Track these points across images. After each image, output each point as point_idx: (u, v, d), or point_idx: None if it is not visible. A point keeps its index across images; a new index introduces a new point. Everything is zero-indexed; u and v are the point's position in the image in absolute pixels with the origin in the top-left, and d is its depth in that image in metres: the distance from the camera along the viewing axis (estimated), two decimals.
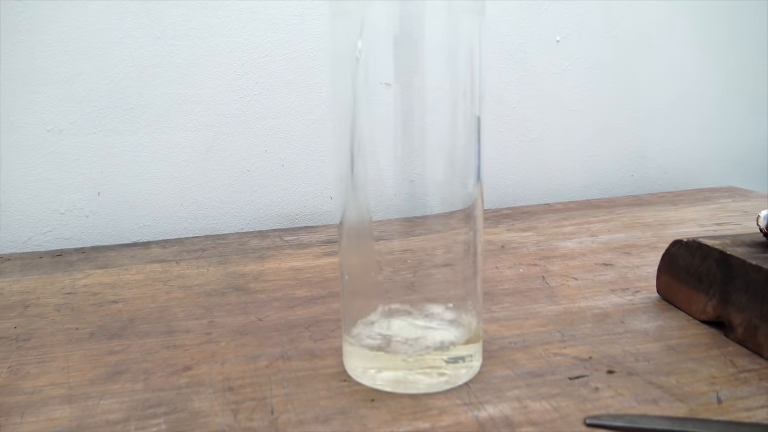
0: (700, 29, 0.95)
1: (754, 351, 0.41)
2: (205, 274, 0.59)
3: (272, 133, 0.77)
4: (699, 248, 0.46)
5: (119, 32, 0.70)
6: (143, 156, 0.73)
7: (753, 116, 1.01)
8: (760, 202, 0.83)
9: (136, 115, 0.72)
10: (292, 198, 0.80)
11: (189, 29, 0.72)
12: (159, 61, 0.72)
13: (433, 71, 0.35)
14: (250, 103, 0.76)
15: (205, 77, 0.74)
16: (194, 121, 0.74)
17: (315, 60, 0.77)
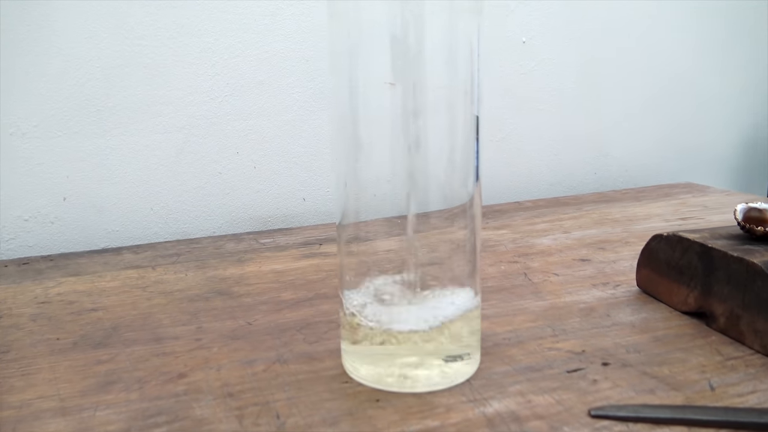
0: (657, 32, 0.98)
1: (737, 339, 0.43)
2: (184, 279, 0.58)
3: (244, 134, 0.76)
4: (679, 242, 0.48)
5: (84, 32, 0.68)
6: (111, 159, 0.71)
7: (705, 115, 1.05)
8: (718, 197, 0.87)
9: (102, 117, 0.70)
10: (265, 200, 0.79)
11: (157, 29, 0.70)
12: (126, 61, 0.70)
13: (434, 71, 0.35)
14: (220, 104, 0.74)
15: (174, 78, 0.72)
16: (164, 123, 0.72)
17: (287, 60, 0.76)
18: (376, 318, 0.37)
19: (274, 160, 0.78)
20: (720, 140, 1.08)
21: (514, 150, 0.92)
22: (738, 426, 0.33)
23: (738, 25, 1.05)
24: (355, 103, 0.37)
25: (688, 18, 1.00)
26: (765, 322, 0.40)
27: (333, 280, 0.57)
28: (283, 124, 0.78)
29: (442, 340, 0.37)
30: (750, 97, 1.09)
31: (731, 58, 1.06)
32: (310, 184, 0.81)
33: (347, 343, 0.39)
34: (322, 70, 0.78)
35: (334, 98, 0.38)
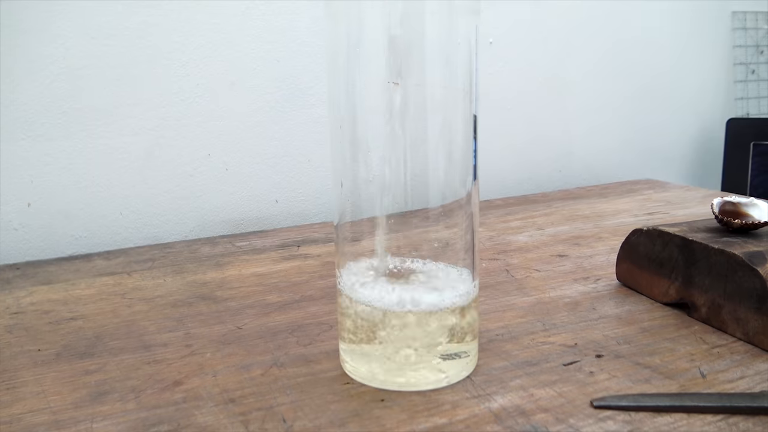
0: (620, 35, 1.01)
1: (719, 328, 0.44)
2: (163, 284, 0.57)
3: (215, 136, 0.75)
4: (660, 236, 0.49)
5: (49, 31, 0.65)
6: (78, 163, 0.69)
7: (664, 114, 1.09)
8: (679, 193, 0.90)
9: (69, 120, 0.68)
10: (238, 203, 0.78)
11: (125, 29, 0.68)
12: (92, 62, 0.68)
13: (434, 70, 0.35)
14: (191, 105, 0.73)
15: (143, 79, 0.70)
16: (132, 124, 0.71)
17: (258, 61, 0.75)
18: (375, 300, 0.36)
19: (246, 162, 0.77)
20: (677, 138, 1.12)
21: (483, 149, 0.93)
22: (733, 411, 0.34)
23: (694, 30, 1.09)
24: (354, 103, 0.36)
25: (648, 22, 1.04)
26: (747, 311, 0.42)
27: (317, 282, 0.56)
28: (255, 125, 0.77)
29: (440, 323, 0.37)
30: (705, 97, 1.13)
31: (688, 60, 1.10)
32: (282, 186, 0.80)
33: (346, 343, 0.39)
34: (294, 70, 0.77)
35: (332, 98, 0.37)
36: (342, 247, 0.39)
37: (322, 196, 0.82)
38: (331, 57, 0.37)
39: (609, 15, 1.00)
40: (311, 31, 0.77)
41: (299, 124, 0.79)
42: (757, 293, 0.41)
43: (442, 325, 0.37)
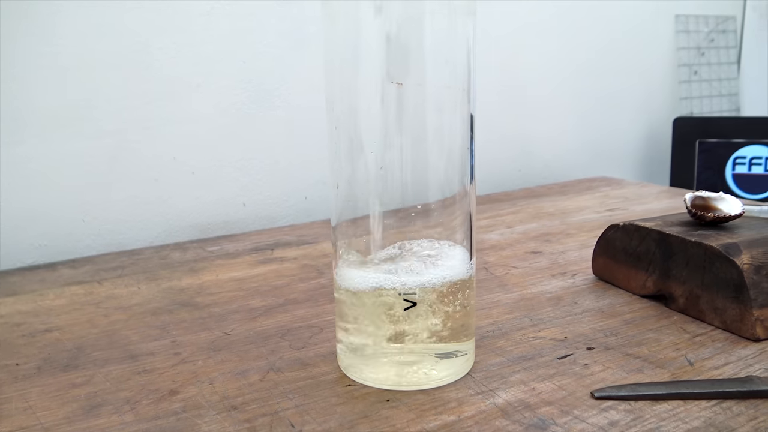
0: (573, 37, 1.04)
1: (697, 318, 0.46)
2: (138, 292, 0.55)
3: (181, 139, 0.73)
4: (637, 230, 0.51)
5: (5, 33, 0.62)
6: (36, 168, 0.66)
7: (615, 114, 1.13)
8: (634, 189, 0.93)
9: (26, 123, 0.65)
10: (205, 207, 0.76)
11: (82, 28, 0.66)
12: (47, 62, 0.65)
13: (435, 70, 0.35)
14: (155, 107, 0.71)
15: (105, 80, 0.68)
16: (94, 127, 0.68)
17: (223, 62, 0.74)
18: (373, 279, 0.36)
19: (213, 166, 0.76)
20: (628, 137, 1.16)
21: None
22: (725, 396, 0.36)
23: (642, 33, 1.14)
24: (351, 104, 0.36)
25: (599, 26, 1.07)
26: (724, 300, 0.44)
27: (298, 285, 0.56)
28: (221, 127, 0.75)
29: (437, 303, 0.37)
30: (652, 97, 1.18)
31: (636, 62, 1.14)
32: (250, 189, 0.79)
33: (343, 344, 0.39)
34: (260, 71, 0.76)
35: (329, 99, 0.37)
36: (340, 245, 0.39)
37: (289, 199, 0.82)
38: (329, 57, 0.37)
39: (562, 17, 1.03)
40: (277, 32, 0.77)
41: (266, 126, 0.78)
42: (735, 283, 0.43)
43: (443, 305, 0.37)
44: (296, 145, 0.81)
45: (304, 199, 0.83)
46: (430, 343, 0.37)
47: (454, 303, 0.37)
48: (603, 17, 1.07)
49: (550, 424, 0.33)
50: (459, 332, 0.38)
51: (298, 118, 0.80)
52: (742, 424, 0.33)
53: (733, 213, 0.48)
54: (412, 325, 0.36)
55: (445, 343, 0.37)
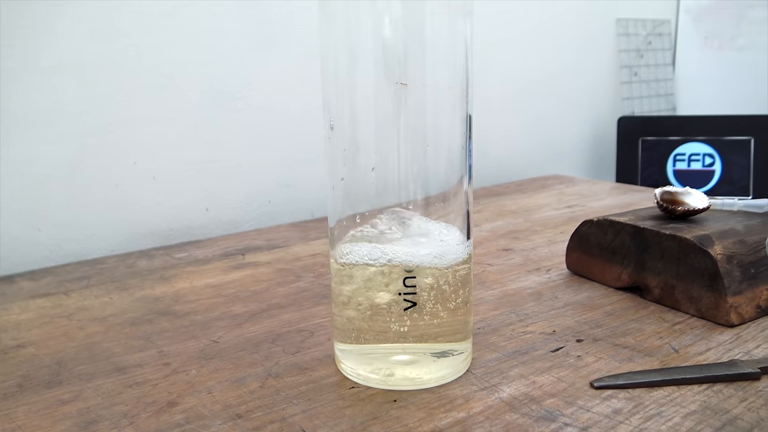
0: (521, 39, 1.07)
1: (672, 307, 0.48)
2: (110, 303, 0.53)
3: (142, 142, 0.71)
4: (611, 225, 0.53)
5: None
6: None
7: (563, 113, 1.16)
8: (587, 186, 0.96)
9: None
10: (166, 212, 0.74)
11: (40, 28, 0.63)
12: (6, 64, 0.61)
13: (435, 70, 0.36)
14: (115, 110, 0.68)
15: (62, 83, 0.65)
16: (51, 132, 0.65)
17: (185, 63, 0.72)
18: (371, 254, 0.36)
19: (175, 170, 0.74)
20: (576, 136, 1.20)
21: None
22: (715, 380, 0.37)
23: (586, 36, 1.18)
24: (349, 104, 0.36)
25: (547, 28, 1.10)
26: (699, 289, 0.46)
27: (278, 290, 0.55)
28: (182, 130, 0.73)
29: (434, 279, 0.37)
30: (597, 98, 1.22)
31: (581, 64, 1.18)
32: (212, 193, 0.77)
33: (341, 343, 0.39)
34: (222, 73, 0.75)
35: (326, 99, 0.37)
36: (337, 241, 0.38)
37: (253, 203, 0.80)
38: (325, 57, 0.37)
39: (515, 25, 1.05)
40: (238, 33, 0.75)
41: (228, 129, 0.77)
42: (709, 272, 0.45)
43: (444, 281, 0.37)
44: (259, 147, 0.79)
45: (268, 203, 0.82)
46: (431, 342, 0.37)
47: (455, 298, 0.37)
48: (551, 21, 1.11)
49: (557, 416, 0.34)
50: (460, 330, 0.38)
51: (260, 120, 0.79)
52: (735, 405, 0.35)
53: (700, 206, 0.51)
54: (414, 321, 0.36)
55: (445, 343, 0.38)
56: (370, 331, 0.37)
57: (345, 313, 0.38)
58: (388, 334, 0.37)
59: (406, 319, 0.36)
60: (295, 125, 0.82)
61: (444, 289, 0.37)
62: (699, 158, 1.17)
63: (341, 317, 0.38)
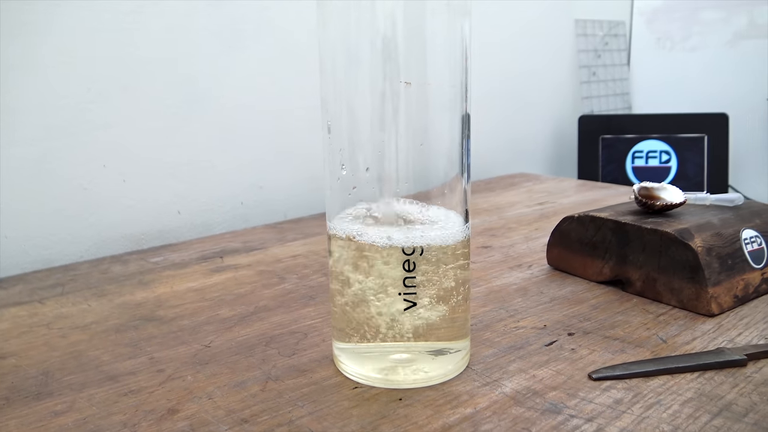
0: (485, 41, 1.08)
1: (654, 299, 0.50)
2: (90, 310, 0.51)
3: (110, 144, 0.69)
4: (592, 221, 0.54)
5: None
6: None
7: (527, 113, 1.19)
8: (554, 184, 0.98)
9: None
10: (137, 216, 0.72)
11: (2, 27, 0.60)
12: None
13: (436, 70, 0.36)
14: (82, 112, 0.66)
15: (26, 83, 0.62)
16: (15, 135, 0.62)
17: (153, 62, 0.70)
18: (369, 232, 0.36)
19: (145, 172, 0.72)
20: (539, 133, 1.22)
21: None
22: (705, 368, 0.39)
23: (546, 36, 1.20)
24: (347, 103, 0.36)
25: (510, 29, 1.12)
26: (680, 281, 0.48)
27: (263, 292, 0.54)
28: (153, 131, 0.72)
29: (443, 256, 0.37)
30: (558, 97, 1.25)
31: (543, 64, 1.20)
32: (184, 196, 0.75)
33: (340, 342, 0.38)
34: (193, 71, 0.73)
35: (324, 98, 0.37)
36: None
37: (225, 205, 0.79)
38: (323, 57, 0.36)
39: (480, 28, 1.07)
40: (210, 31, 0.74)
41: (199, 129, 0.75)
42: (690, 265, 0.47)
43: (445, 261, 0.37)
44: (231, 148, 0.78)
45: (240, 205, 0.81)
46: (433, 341, 0.37)
47: (456, 295, 0.38)
48: (513, 22, 1.13)
49: (562, 408, 0.35)
50: (460, 327, 0.39)
51: (232, 120, 0.78)
52: (728, 391, 0.36)
53: (676, 201, 0.53)
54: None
55: (447, 341, 0.38)
56: (370, 328, 0.37)
57: (345, 309, 0.38)
58: (388, 333, 0.37)
59: (407, 319, 0.36)
60: (268, 125, 0.81)
61: (444, 284, 0.37)
62: (656, 155, 1.21)
63: (341, 313, 0.38)
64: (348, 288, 0.37)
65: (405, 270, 0.36)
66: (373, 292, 0.36)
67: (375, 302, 0.37)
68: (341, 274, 0.38)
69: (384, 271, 0.36)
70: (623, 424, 0.33)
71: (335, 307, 0.39)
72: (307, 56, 0.83)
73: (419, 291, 0.36)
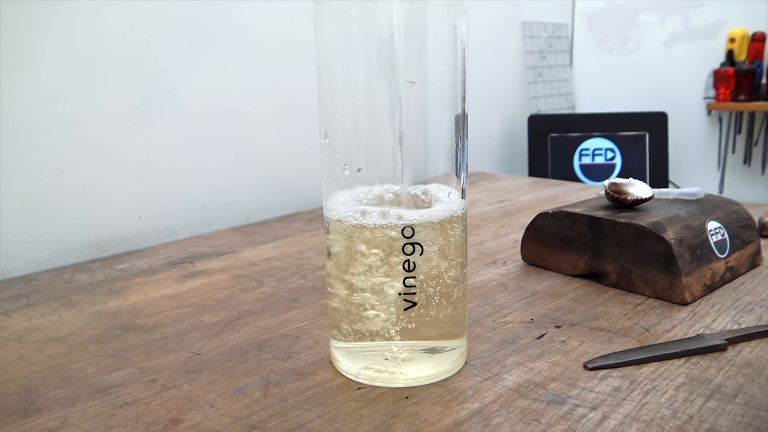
0: None
1: (629, 290, 0.52)
2: (62, 321, 0.49)
3: (68, 148, 0.66)
4: (567, 216, 0.56)
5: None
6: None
7: (480, 112, 1.21)
8: (510, 182, 1.01)
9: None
10: (97, 222, 0.69)
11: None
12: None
13: (435, 70, 0.36)
14: (40, 114, 0.63)
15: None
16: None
17: (114, 63, 0.68)
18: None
19: (105, 176, 0.69)
20: (490, 133, 1.25)
21: (298, 155, 0.94)
22: (690, 353, 0.41)
23: (498, 38, 1.23)
24: (352, 104, 0.36)
25: None
26: (655, 272, 0.50)
27: (243, 296, 0.53)
28: (115, 134, 0.69)
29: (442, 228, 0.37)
30: (508, 97, 1.28)
31: (493, 65, 1.23)
32: (145, 200, 0.73)
33: (340, 342, 0.38)
34: (154, 72, 0.71)
35: (322, 97, 0.36)
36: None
37: (187, 209, 0.77)
38: (321, 56, 0.36)
39: None
40: (170, 31, 0.72)
41: (161, 131, 0.73)
42: (664, 256, 0.49)
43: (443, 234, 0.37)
44: (193, 150, 0.76)
45: (203, 208, 0.79)
46: (435, 340, 0.38)
47: (456, 291, 0.38)
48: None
49: (566, 398, 0.36)
50: (460, 324, 0.39)
51: (194, 122, 0.76)
52: (715, 374, 0.38)
53: (645, 196, 0.55)
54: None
55: (447, 340, 0.38)
56: (371, 325, 0.37)
57: (345, 306, 0.38)
58: (389, 333, 0.37)
59: (406, 318, 0.37)
60: (230, 127, 0.79)
61: (443, 282, 0.37)
62: (602, 153, 1.25)
63: (340, 308, 0.38)
64: (349, 278, 0.37)
65: (405, 270, 0.37)
66: (373, 292, 0.36)
67: (375, 303, 0.37)
68: (341, 265, 0.38)
69: (384, 268, 0.36)
70: (626, 410, 0.34)
71: (333, 303, 0.39)
72: (270, 56, 0.82)
73: (419, 291, 0.37)
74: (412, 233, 0.36)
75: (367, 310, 0.37)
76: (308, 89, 0.90)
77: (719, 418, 0.34)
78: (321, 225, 0.76)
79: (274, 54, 0.82)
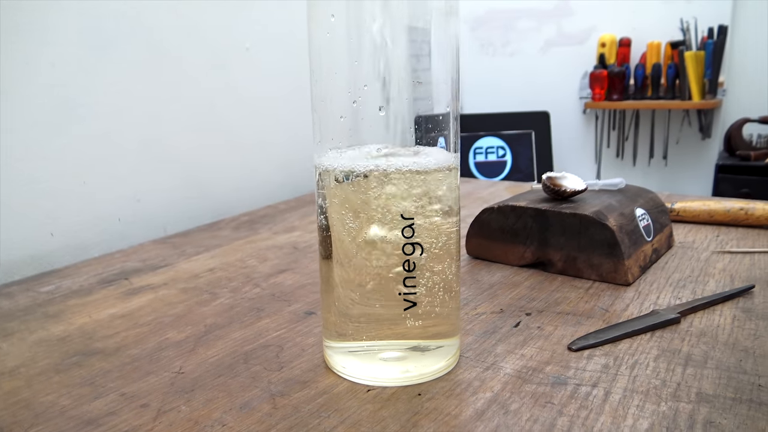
0: None
1: (575, 275, 0.56)
2: (6, 352, 0.44)
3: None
4: (513, 210, 0.58)
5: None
6: None
7: None
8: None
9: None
10: (5, 241, 0.62)
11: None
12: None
13: (436, 69, 0.37)
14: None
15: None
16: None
17: (24, 65, 0.61)
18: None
19: (14, 189, 0.62)
20: None
21: (252, 157, 0.92)
22: (652, 328, 0.45)
23: None
24: (351, 104, 0.36)
25: None
26: (599, 257, 0.54)
27: (202, 309, 0.51)
28: (19, 144, 0.62)
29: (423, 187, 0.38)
30: None
31: None
32: (57, 215, 0.67)
33: (339, 342, 0.38)
34: (66, 77, 0.65)
35: (316, 96, 0.36)
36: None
37: (101, 223, 0.71)
38: (314, 57, 0.36)
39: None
40: (78, 31, 0.66)
41: (72, 141, 0.67)
42: (608, 242, 0.53)
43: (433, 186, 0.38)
44: (104, 159, 0.71)
45: (118, 221, 0.73)
46: (438, 339, 0.39)
47: (456, 288, 0.39)
48: None
49: (566, 379, 0.38)
50: (457, 318, 0.40)
51: (106, 131, 0.70)
52: (680, 345, 0.42)
53: (580, 188, 0.59)
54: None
55: (448, 338, 0.39)
56: (373, 323, 0.37)
57: (345, 305, 0.37)
58: (389, 332, 0.37)
59: (407, 317, 0.37)
60: (143, 132, 0.75)
61: (443, 279, 0.38)
62: (494, 151, 1.32)
63: (340, 304, 0.38)
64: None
65: (405, 270, 0.37)
66: (375, 292, 0.36)
67: (374, 302, 0.37)
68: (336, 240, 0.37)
69: (383, 260, 0.36)
70: (622, 384, 0.37)
71: (331, 296, 0.38)
72: (179, 56, 0.78)
73: (419, 291, 0.37)
74: (412, 233, 0.37)
75: (368, 310, 0.37)
76: (224, 92, 0.86)
77: (702, 382, 0.37)
78: (251, 231, 0.74)
79: (181, 54, 0.79)
